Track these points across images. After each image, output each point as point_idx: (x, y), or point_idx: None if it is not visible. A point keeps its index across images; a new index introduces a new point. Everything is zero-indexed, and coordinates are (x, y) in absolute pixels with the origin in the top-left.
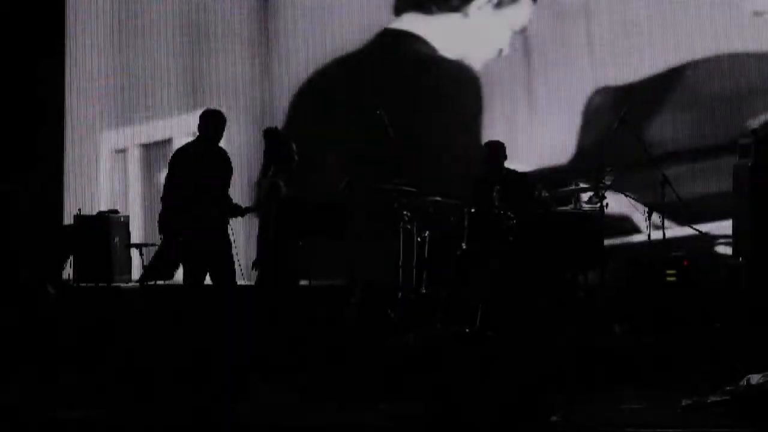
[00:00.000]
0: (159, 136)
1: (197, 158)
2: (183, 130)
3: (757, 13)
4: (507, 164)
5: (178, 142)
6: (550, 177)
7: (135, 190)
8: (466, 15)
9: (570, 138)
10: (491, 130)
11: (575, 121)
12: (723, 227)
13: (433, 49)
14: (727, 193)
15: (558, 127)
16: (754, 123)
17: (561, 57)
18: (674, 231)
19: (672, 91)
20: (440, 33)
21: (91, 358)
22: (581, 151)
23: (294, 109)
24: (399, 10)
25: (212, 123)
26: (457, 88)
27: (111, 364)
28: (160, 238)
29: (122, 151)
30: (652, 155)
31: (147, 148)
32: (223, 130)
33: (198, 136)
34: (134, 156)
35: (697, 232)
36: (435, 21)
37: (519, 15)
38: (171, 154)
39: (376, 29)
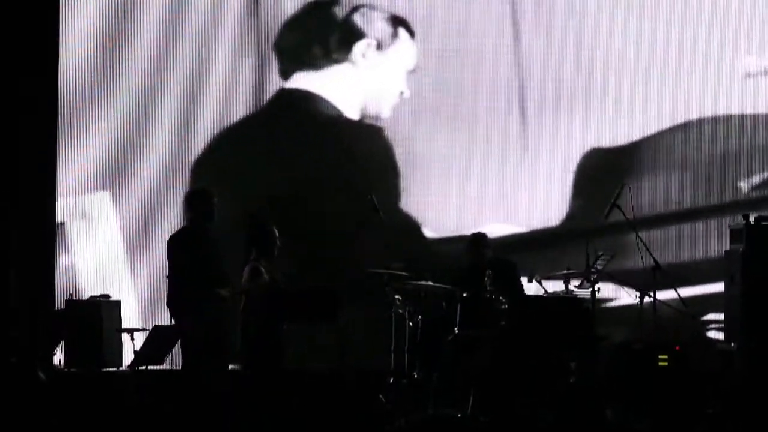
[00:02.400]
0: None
1: (197, 241)
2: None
3: (749, 75)
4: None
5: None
6: (542, 240)
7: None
8: (353, 63)
9: (563, 200)
10: (486, 190)
11: (568, 183)
12: (714, 302)
13: (334, 108)
14: (718, 258)
15: (552, 189)
16: (746, 185)
17: (556, 118)
18: (668, 315)
19: (666, 153)
20: (336, 88)
21: None
22: (573, 213)
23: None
24: (286, 72)
25: (202, 205)
26: (369, 153)
27: None
28: (171, 321)
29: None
30: (644, 242)
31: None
32: (212, 209)
33: (191, 218)
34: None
35: (684, 305)
36: (326, 76)
37: (405, 54)
38: (168, 239)
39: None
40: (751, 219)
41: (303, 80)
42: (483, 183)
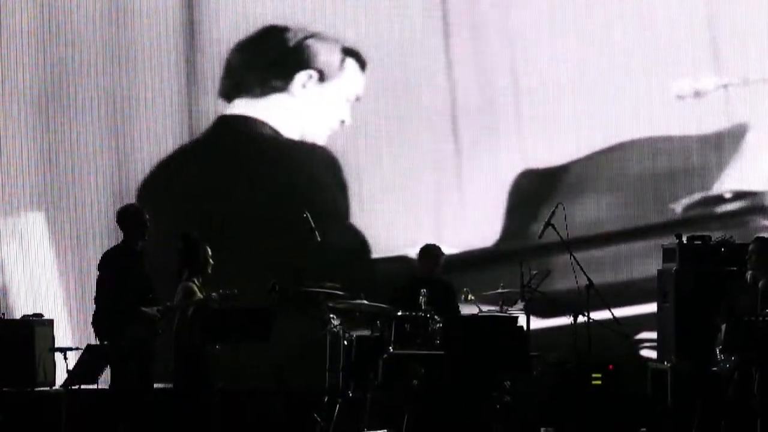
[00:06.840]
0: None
1: (128, 260)
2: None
3: (680, 97)
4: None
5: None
6: (476, 261)
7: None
8: (291, 95)
9: (496, 220)
10: (419, 213)
11: (502, 203)
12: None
13: (275, 131)
14: (651, 278)
15: (485, 210)
16: (679, 206)
17: (489, 139)
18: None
19: (599, 174)
20: (276, 114)
21: None
22: (507, 233)
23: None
24: (229, 96)
25: (133, 222)
26: (316, 172)
27: None
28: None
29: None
30: (578, 261)
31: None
32: (144, 225)
33: (123, 236)
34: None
35: (617, 324)
36: (266, 103)
37: (350, 85)
38: (100, 258)
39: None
40: (684, 238)
41: (244, 107)
42: (417, 204)
